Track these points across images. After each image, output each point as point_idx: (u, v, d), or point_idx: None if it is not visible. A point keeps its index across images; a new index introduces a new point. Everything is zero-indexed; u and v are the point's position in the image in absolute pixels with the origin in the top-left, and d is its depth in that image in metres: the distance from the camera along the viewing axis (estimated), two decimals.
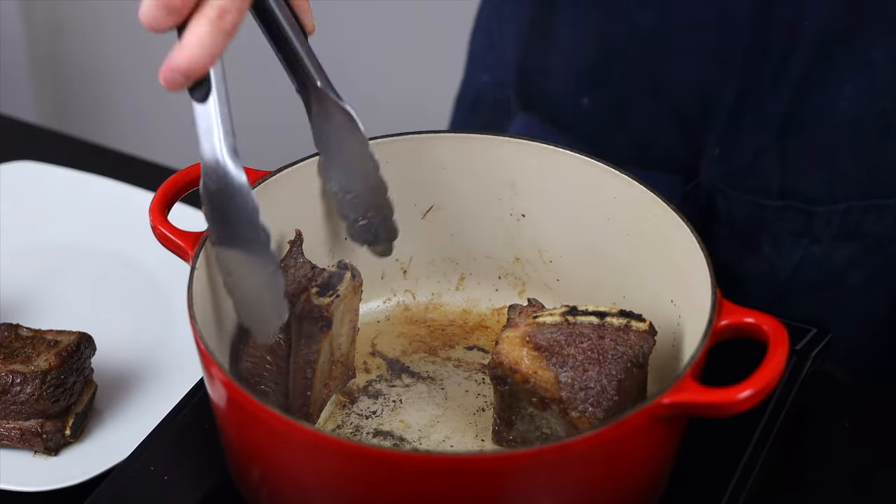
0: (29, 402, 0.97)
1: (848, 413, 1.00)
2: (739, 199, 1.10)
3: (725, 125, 1.08)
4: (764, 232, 1.11)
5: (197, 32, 0.78)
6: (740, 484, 0.89)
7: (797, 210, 1.09)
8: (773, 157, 1.08)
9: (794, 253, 1.11)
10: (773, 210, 1.09)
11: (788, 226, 1.10)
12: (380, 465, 0.77)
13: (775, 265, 1.11)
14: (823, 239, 1.09)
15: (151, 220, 0.90)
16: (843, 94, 1.05)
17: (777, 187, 1.09)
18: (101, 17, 2.21)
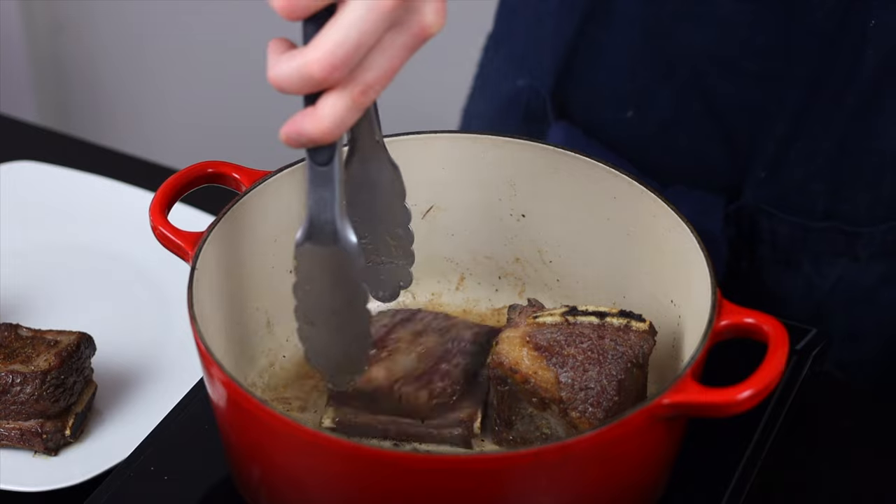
0: (29, 402, 0.97)
1: (848, 413, 1.00)
2: (783, 220, 1.10)
3: (775, 150, 1.07)
4: (806, 252, 1.10)
5: (336, 105, 0.74)
6: (740, 484, 0.89)
7: (840, 231, 1.09)
8: (821, 182, 1.08)
9: (833, 271, 1.10)
10: (816, 231, 1.09)
11: (831, 246, 1.09)
12: (380, 465, 0.77)
13: (814, 283, 1.11)
14: (861, 257, 1.09)
15: (151, 220, 0.90)
16: (894, 123, 1.04)
17: (821, 210, 1.08)
18: (101, 17, 2.21)
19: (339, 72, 0.72)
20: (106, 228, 1.19)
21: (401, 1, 0.73)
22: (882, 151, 1.05)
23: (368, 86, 0.74)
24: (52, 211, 1.19)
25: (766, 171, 1.08)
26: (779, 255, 1.11)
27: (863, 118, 1.04)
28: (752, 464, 0.91)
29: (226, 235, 0.90)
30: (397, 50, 0.74)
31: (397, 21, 0.73)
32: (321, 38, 0.72)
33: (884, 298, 1.11)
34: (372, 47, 0.73)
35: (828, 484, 0.95)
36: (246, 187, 0.92)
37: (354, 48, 0.72)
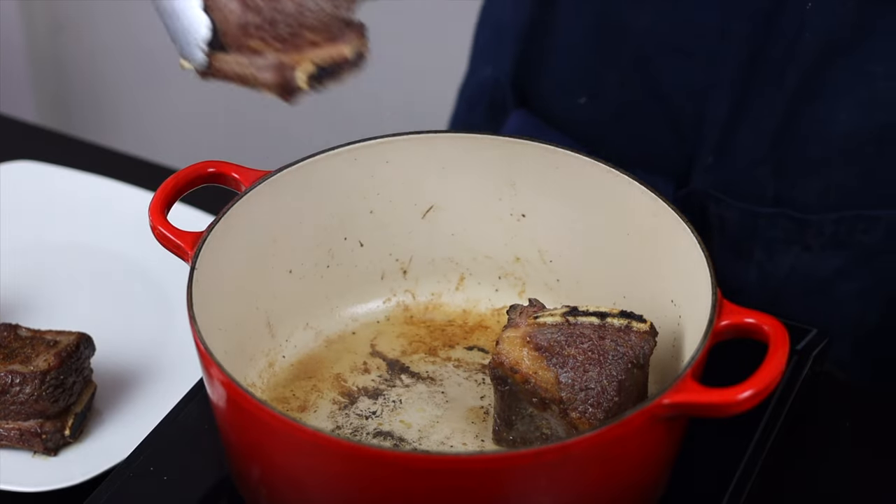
0: (28, 402, 0.97)
1: (848, 413, 1.00)
2: (732, 206, 1.10)
3: (720, 134, 1.08)
4: (756, 239, 1.11)
5: None
6: (740, 484, 0.89)
7: (790, 218, 1.09)
8: (767, 167, 1.08)
9: (786, 260, 1.11)
10: (765, 217, 1.09)
11: (780, 233, 1.10)
12: (380, 466, 0.77)
13: (767, 271, 1.11)
14: (814, 247, 1.09)
15: (151, 220, 0.90)
16: (841, 107, 1.04)
17: (770, 195, 1.09)
18: (101, 17, 2.21)
19: None
20: (106, 228, 1.19)
21: None
22: (828, 136, 1.06)
23: None
24: (51, 211, 1.19)
25: (712, 156, 1.09)
26: (729, 243, 1.11)
27: (805, 101, 1.05)
28: (752, 464, 0.91)
29: (226, 235, 0.90)
30: None
31: None
32: None
33: (840, 293, 1.11)
34: None
35: (828, 484, 0.95)
36: (246, 187, 0.92)
37: None
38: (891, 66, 1.03)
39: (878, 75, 1.03)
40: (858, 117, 1.05)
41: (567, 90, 1.15)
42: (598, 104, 1.14)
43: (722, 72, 1.06)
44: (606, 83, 1.12)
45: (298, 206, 0.95)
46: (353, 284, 0.99)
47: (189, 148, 2.13)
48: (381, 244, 0.99)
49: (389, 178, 0.97)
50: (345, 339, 0.98)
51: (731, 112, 1.07)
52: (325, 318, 0.99)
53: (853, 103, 1.04)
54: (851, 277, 1.10)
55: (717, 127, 1.08)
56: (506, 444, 0.88)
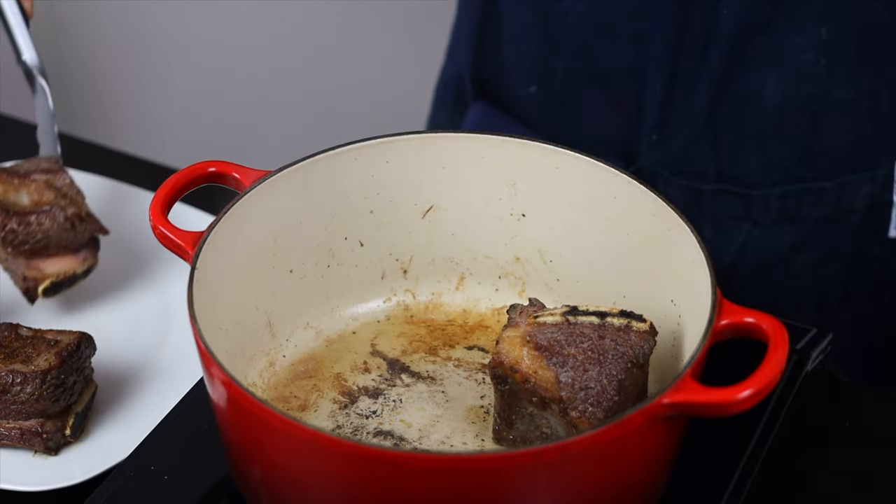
0: (29, 401, 0.97)
1: (848, 413, 1.00)
2: (677, 183, 1.12)
3: (659, 112, 1.11)
4: (703, 215, 1.12)
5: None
6: (740, 484, 0.89)
7: (733, 194, 1.11)
8: (706, 142, 1.10)
9: (736, 237, 1.12)
10: (709, 193, 1.12)
11: (726, 209, 1.12)
12: (380, 465, 0.77)
13: (718, 248, 1.13)
14: (764, 222, 1.11)
15: (152, 219, 0.90)
16: (767, 81, 1.06)
17: (713, 172, 1.11)
18: (102, 17, 2.21)
19: None
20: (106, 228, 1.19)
21: None
22: (760, 111, 1.08)
23: None
24: None
25: (655, 134, 1.11)
26: None
27: (732, 78, 1.07)
28: (752, 464, 0.91)
29: (226, 235, 0.90)
30: None
31: None
32: None
33: (796, 267, 1.12)
34: None
35: (827, 484, 0.95)
36: (246, 187, 0.92)
37: None
38: (812, 37, 1.04)
39: (801, 47, 1.05)
40: (786, 91, 1.07)
41: (518, 80, 1.18)
42: (547, 91, 1.16)
43: (652, 51, 1.09)
44: (553, 70, 1.15)
45: (298, 206, 0.95)
46: (354, 284, 0.99)
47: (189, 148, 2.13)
48: (381, 244, 0.99)
49: (389, 178, 0.97)
50: (345, 339, 0.98)
51: (664, 90, 1.10)
52: (325, 317, 0.99)
53: (780, 77, 1.06)
54: (806, 250, 1.12)
55: (656, 105, 1.11)
56: (506, 443, 0.88)
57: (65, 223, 1.07)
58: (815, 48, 1.05)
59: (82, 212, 1.08)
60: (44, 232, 1.07)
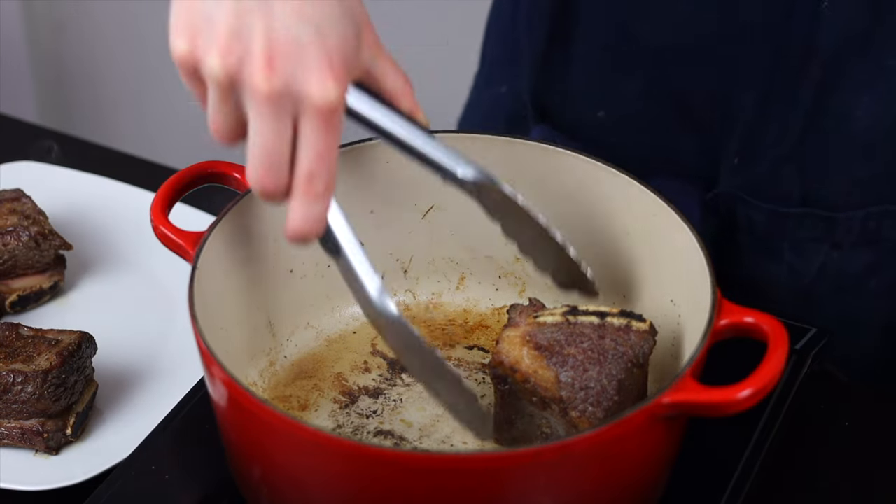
0: (30, 401, 0.97)
1: (848, 413, 1.00)
2: (759, 207, 1.10)
3: (744, 135, 1.08)
4: (785, 239, 1.11)
5: (295, 207, 0.78)
6: (740, 484, 0.90)
7: (817, 217, 1.09)
8: (793, 165, 1.08)
9: (816, 258, 1.11)
10: (793, 217, 1.10)
11: (809, 232, 1.10)
12: (380, 465, 0.77)
13: (797, 270, 1.11)
14: (844, 244, 1.10)
15: (152, 219, 0.90)
16: (859, 103, 1.05)
17: (797, 194, 1.09)
18: (102, 17, 2.21)
19: (268, 179, 0.77)
20: (106, 228, 1.19)
21: (275, 100, 0.75)
22: (851, 135, 1.06)
23: (309, 175, 0.77)
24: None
25: (738, 158, 1.09)
26: (758, 243, 1.12)
27: (826, 100, 1.05)
28: (751, 464, 0.91)
29: (227, 235, 0.90)
30: (313, 133, 0.76)
31: (294, 111, 0.76)
32: (248, 161, 0.78)
33: (872, 287, 1.11)
34: (292, 142, 0.77)
35: (828, 484, 0.95)
36: (246, 187, 0.92)
37: (266, 155, 0.77)
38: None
39: (894, 69, 1.04)
40: (877, 112, 1.05)
41: (585, 104, 1.15)
42: (618, 116, 1.13)
43: (743, 74, 1.06)
44: (627, 94, 1.12)
45: None
46: None
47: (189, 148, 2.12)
48: (381, 244, 0.99)
49: (389, 178, 0.97)
50: (345, 339, 0.98)
51: (754, 113, 1.07)
52: (325, 317, 0.99)
53: (872, 99, 1.05)
54: (882, 273, 1.10)
55: (742, 129, 1.08)
56: (506, 442, 0.89)
57: (29, 241, 1.10)
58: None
59: (45, 230, 1.11)
60: (9, 252, 1.10)
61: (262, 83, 0.75)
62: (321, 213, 0.78)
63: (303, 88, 0.75)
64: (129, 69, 2.24)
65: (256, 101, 0.75)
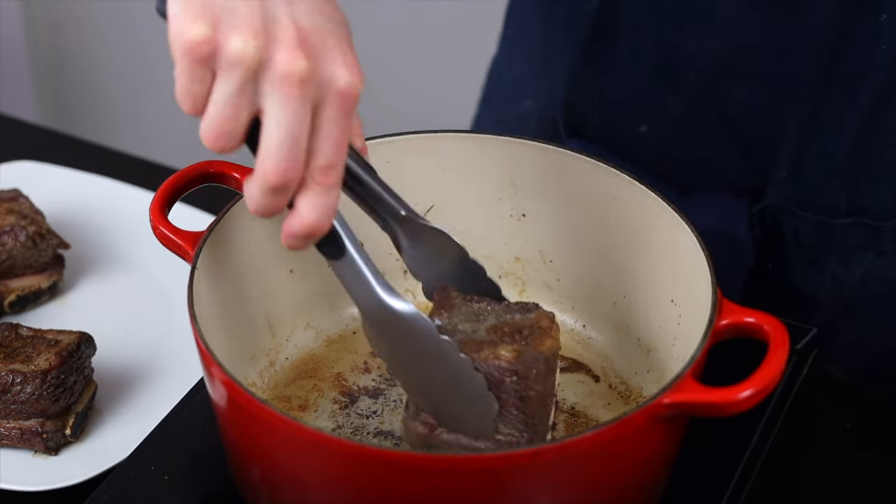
0: (29, 401, 0.97)
1: (848, 413, 1.00)
2: (807, 218, 1.10)
3: (793, 150, 1.08)
4: (831, 249, 1.11)
5: (308, 198, 0.76)
6: (740, 484, 0.89)
7: (864, 226, 1.09)
8: (842, 179, 1.08)
9: (860, 266, 1.11)
10: (840, 228, 1.09)
11: (855, 241, 1.10)
12: (380, 465, 0.77)
13: (841, 279, 1.11)
14: (888, 251, 1.09)
15: (152, 219, 0.90)
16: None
17: (844, 206, 1.09)
18: (102, 17, 2.21)
19: (292, 169, 0.74)
20: (106, 228, 1.19)
21: (305, 83, 0.73)
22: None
23: (327, 166, 0.75)
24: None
25: (785, 172, 1.09)
26: (805, 254, 1.11)
27: (878, 114, 1.05)
28: (752, 464, 0.91)
29: (226, 235, 0.90)
30: (333, 122, 0.75)
31: (317, 99, 0.75)
32: (261, 151, 0.74)
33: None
34: (310, 133, 0.75)
35: (828, 484, 0.95)
36: None
37: (291, 142, 0.74)
38: None
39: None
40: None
41: (625, 118, 1.14)
42: (660, 131, 1.12)
43: (794, 89, 1.06)
44: (670, 108, 1.11)
45: None
46: None
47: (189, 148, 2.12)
48: (381, 244, 0.99)
49: (389, 178, 0.97)
50: (345, 339, 0.98)
51: (804, 128, 1.07)
52: (325, 317, 0.99)
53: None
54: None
55: (790, 143, 1.07)
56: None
57: (27, 241, 1.10)
58: None
59: (43, 229, 1.11)
60: (7, 252, 1.10)
61: (294, 64, 0.73)
62: (334, 204, 0.77)
63: (329, 74, 0.75)
64: (128, 69, 2.24)
65: (285, 86, 0.73)
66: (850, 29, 1.02)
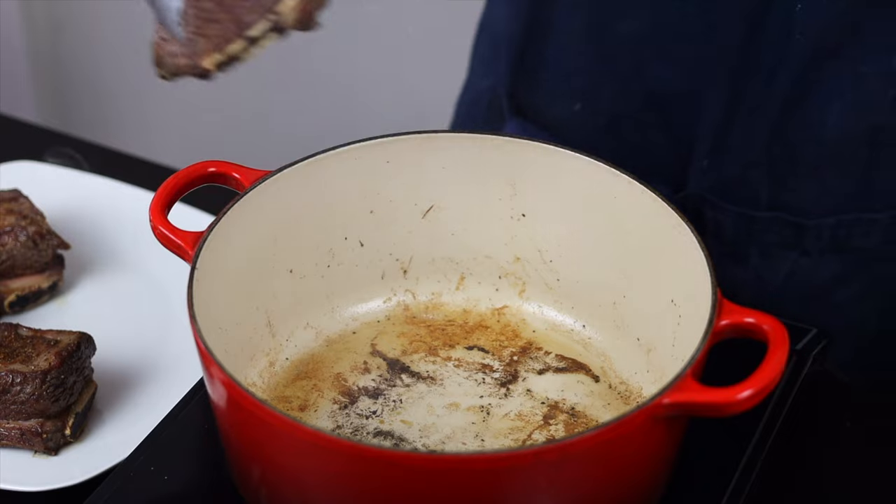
0: (29, 401, 0.97)
1: (848, 413, 1.00)
2: (727, 210, 1.10)
3: (713, 137, 1.08)
4: (752, 243, 1.10)
5: None
6: (740, 484, 0.89)
7: (786, 222, 1.08)
8: (761, 170, 1.08)
9: (783, 265, 1.10)
10: (761, 222, 1.09)
11: (777, 238, 1.09)
12: (380, 465, 0.77)
13: (764, 277, 1.11)
14: (812, 252, 1.09)
15: (151, 219, 0.90)
16: (831, 109, 1.04)
17: (765, 199, 1.09)
18: (101, 16, 2.21)
19: None
20: (106, 228, 1.19)
21: None
22: (820, 140, 1.05)
23: None
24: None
25: (707, 159, 1.09)
26: (726, 248, 1.11)
27: (796, 105, 1.05)
28: (752, 464, 0.91)
29: (226, 235, 0.90)
30: None
31: None
32: None
33: (839, 299, 1.10)
34: None
35: (828, 484, 0.95)
36: (246, 187, 0.92)
37: None
38: (881, 66, 1.03)
39: (869, 76, 1.03)
40: (850, 120, 1.04)
41: (562, 98, 1.15)
42: (593, 111, 1.14)
43: (713, 75, 1.06)
44: (601, 90, 1.12)
45: (299, 206, 0.95)
46: (354, 284, 0.99)
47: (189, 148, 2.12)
48: (381, 244, 0.99)
49: (389, 178, 0.97)
50: (345, 339, 0.98)
51: (723, 115, 1.07)
52: (325, 317, 0.99)
53: (844, 106, 1.04)
54: (850, 282, 1.10)
55: (711, 130, 1.08)
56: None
57: (27, 241, 1.10)
58: (884, 78, 1.03)
59: (43, 229, 1.11)
60: (7, 252, 1.10)
61: None
62: None
63: None
64: (128, 69, 2.23)
65: None
66: (766, 17, 1.02)
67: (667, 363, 0.91)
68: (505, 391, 0.94)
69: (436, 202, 0.99)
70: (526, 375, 0.95)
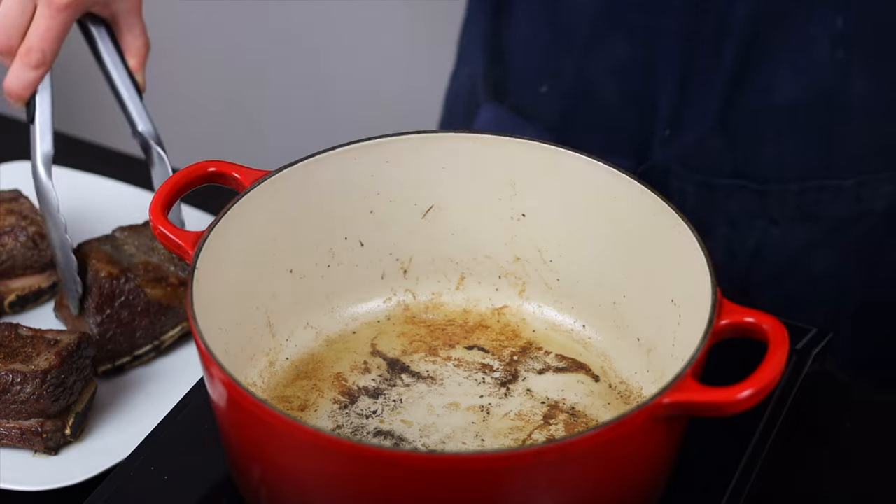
0: (29, 401, 0.97)
1: (848, 413, 1.00)
2: (690, 178, 1.11)
3: (671, 106, 1.09)
4: (718, 213, 1.11)
5: (13, 70, 1.04)
6: (740, 484, 0.89)
7: (749, 189, 1.09)
8: (720, 137, 1.09)
9: (752, 234, 1.10)
10: (723, 189, 1.10)
11: (741, 205, 1.10)
12: (380, 465, 0.77)
13: (734, 248, 1.11)
14: (780, 220, 1.09)
15: (152, 219, 0.90)
16: (781, 74, 1.05)
17: (728, 166, 1.10)
18: None
19: (4, 40, 1.03)
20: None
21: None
22: (774, 106, 1.06)
23: (29, 48, 1.04)
24: None
25: (668, 130, 1.10)
26: (692, 218, 1.11)
27: (746, 72, 1.06)
28: (752, 464, 0.91)
29: (226, 235, 0.90)
30: (44, 19, 1.03)
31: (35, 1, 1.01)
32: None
33: (814, 268, 1.10)
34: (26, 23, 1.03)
35: (828, 484, 0.95)
36: (246, 187, 0.92)
37: (6, 20, 1.02)
38: (827, 27, 1.02)
39: (816, 38, 1.03)
40: (801, 84, 1.05)
41: (529, 80, 1.17)
42: (558, 90, 1.15)
43: (665, 45, 1.08)
44: (564, 69, 1.14)
45: (298, 206, 0.95)
46: (354, 284, 0.99)
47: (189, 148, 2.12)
48: (381, 244, 0.99)
49: (389, 178, 0.97)
50: (345, 339, 0.98)
51: (678, 85, 1.09)
52: (325, 317, 0.99)
53: (794, 70, 1.05)
54: (823, 252, 1.10)
55: (669, 100, 1.09)
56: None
57: (27, 242, 1.11)
58: (832, 39, 1.02)
59: (43, 229, 1.12)
60: (7, 252, 1.10)
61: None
62: (31, 81, 1.06)
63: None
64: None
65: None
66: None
67: (667, 363, 0.91)
68: (505, 391, 0.94)
69: (436, 202, 0.99)
70: (526, 375, 0.95)
